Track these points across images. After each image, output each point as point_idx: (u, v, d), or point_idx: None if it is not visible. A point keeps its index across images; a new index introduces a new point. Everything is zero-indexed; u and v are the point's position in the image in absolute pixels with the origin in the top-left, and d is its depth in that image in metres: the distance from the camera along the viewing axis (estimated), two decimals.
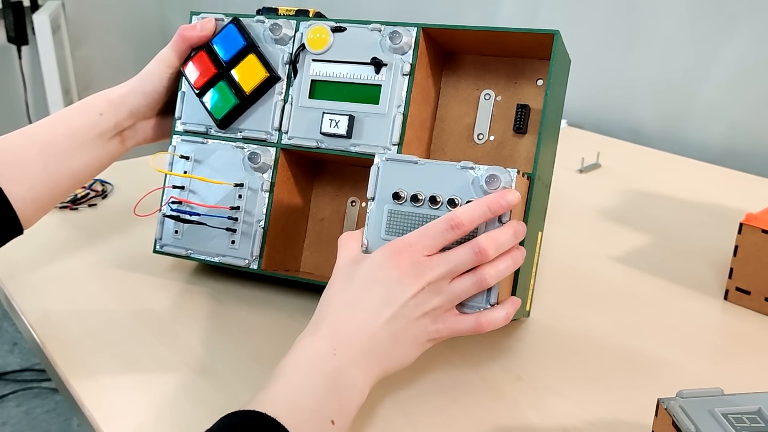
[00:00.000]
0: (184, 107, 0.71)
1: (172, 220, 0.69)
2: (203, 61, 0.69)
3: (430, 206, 0.55)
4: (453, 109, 0.70)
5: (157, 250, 0.71)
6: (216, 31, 0.69)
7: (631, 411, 0.55)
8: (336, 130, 0.65)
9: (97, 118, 0.67)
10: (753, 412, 0.43)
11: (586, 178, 1.09)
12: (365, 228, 0.55)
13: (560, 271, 0.78)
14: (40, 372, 1.87)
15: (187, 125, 0.71)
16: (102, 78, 2.62)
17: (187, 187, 0.70)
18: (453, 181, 0.55)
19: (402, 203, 0.56)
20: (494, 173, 0.53)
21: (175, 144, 0.71)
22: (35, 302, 0.69)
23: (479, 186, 0.54)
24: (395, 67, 0.64)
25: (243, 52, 0.68)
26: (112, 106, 0.68)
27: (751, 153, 1.19)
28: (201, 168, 0.69)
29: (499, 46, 0.66)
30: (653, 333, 0.67)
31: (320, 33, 0.67)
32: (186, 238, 0.69)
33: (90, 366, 0.60)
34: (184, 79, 0.70)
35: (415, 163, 0.56)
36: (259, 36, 0.69)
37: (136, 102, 0.69)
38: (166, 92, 0.71)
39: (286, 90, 0.68)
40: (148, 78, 0.70)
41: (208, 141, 0.70)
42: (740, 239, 0.70)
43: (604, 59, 1.38)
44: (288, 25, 0.68)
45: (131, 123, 0.70)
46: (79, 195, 0.92)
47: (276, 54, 0.68)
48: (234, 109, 0.68)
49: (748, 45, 1.16)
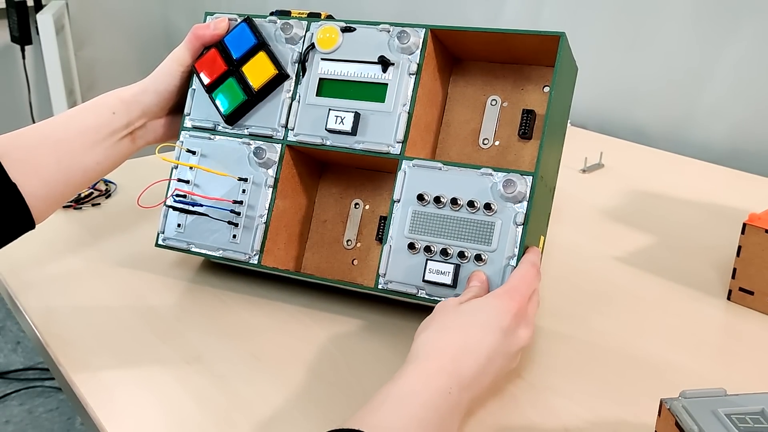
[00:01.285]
0: (193, 104, 0.72)
1: (176, 211, 0.69)
2: (214, 58, 0.70)
3: (451, 207, 0.60)
4: (459, 114, 0.71)
5: (159, 244, 0.71)
6: (229, 30, 0.71)
7: (634, 411, 0.55)
8: (341, 126, 0.65)
9: (110, 117, 0.67)
10: (756, 412, 0.43)
11: (590, 178, 1.09)
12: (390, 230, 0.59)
13: (563, 271, 0.78)
14: (43, 371, 1.88)
15: (195, 121, 0.71)
16: (105, 78, 2.62)
17: (192, 181, 0.70)
18: (473, 185, 0.60)
19: (425, 205, 0.61)
20: (511, 178, 0.59)
21: (182, 139, 0.72)
22: (39, 301, 0.69)
23: (497, 190, 0.59)
24: (402, 67, 0.65)
25: (253, 50, 0.69)
26: (124, 105, 0.68)
27: (754, 153, 1.19)
28: (207, 162, 0.70)
29: (505, 51, 0.67)
30: (656, 333, 0.67)
31: (330, 33, 0.67)
32: (188, 232, 0.70)
33: (93, 365, 0.60)
34: (195, 75, 0.71)
35: (439, 168, 0.62)
36: (270, 35, 0.70)
37: (148, 101, 0.70)
38: (178, 91, 0.72)
39: (294, 88, 0.68)
40: (161, 77, 0.70)
41: (216, 137, 0.70)
42: (743, 239, 0.70)
43: (607, 60, 1.38)
44: (299, 25, 0.69)
45: (143, 122, 0.70)
46: (83, 194, 0.92)
47: (286, 53, 0.69)
48: (242, 105, 0.69)
49: (752, 45, 1.16)
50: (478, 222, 0.60)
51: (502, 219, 0.59)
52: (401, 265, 0.62)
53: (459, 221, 0.61)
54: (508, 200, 0.59)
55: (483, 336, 0.52)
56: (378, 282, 0.63)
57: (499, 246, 0.59)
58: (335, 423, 0.52)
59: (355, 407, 0.53)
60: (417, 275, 0.61)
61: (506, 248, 0.59)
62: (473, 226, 0.60)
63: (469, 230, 0.60)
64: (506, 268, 0.59)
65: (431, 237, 0.61)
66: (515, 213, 0.59)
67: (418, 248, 0.61)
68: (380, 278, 0.62)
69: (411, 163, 0.63)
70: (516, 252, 0.59)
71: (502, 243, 0.59)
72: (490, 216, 0.60)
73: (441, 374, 0.48)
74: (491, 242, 0.59)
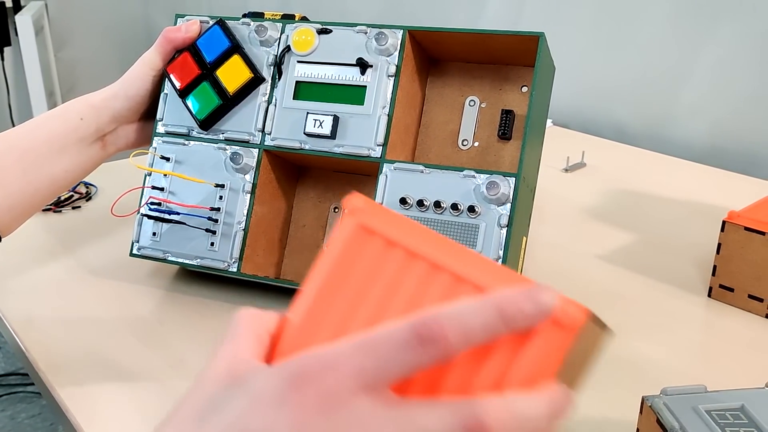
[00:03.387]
0: (166, 109, 0.70)
1: (151, 220, 0.68)
2: (187, 62, 0.68)
3: (434, 211, 0.60)
4: (438, 115, 0.70)
5: (134, 254, 0.70)
6: (201, 33, 0.69)
7: (617, 409, 0.55)
8: (320, 130, 0.64)
9: (78, 123, 0.66)
10: (736, 408, 0.44)
11: (572, 178, 1.10)
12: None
13: (545, 270, 0.78)
14: (24, 376, 1.86)
15: (168, 127, 0.70)
16: (86, 79, 2.60)
17: (167, 188, 0.69)
18: (456, 188, 0.60)
19: (408, 208, 0.61)
20: (494, 180, 0.58)
21: (155, 145, 0.70)
22: (18, 306, 0.68)
23: (480, 192, 0.59)
24: (380, 69, 0.64)
25: (227, 53, 0.68)
26: (93, 111, 0.67)
27: (733, 151, 1.20)
28: (182, 169, 0.69)
29: (484, 52, 0.66)
30: (638, 331, 0.67)
31: (306, 35, 0.66)
32: (164, 240, 0.68)
33: (74, 371, 0.59)
34: (167, 80, 0.70)
35: (421, 171, 0.61)
36: (245, 38, 0.68)
37: (119, 106, 0.68)
38: (149, 95, 0.70)
39: (270, 91, 0.67)
40: (131, 81, 0.69)
41: (190, 142, 0.69)
42: (723, 237, 0.70)
43: (588, 58, 1.39)
44: (273, 27, 0.67)
45: (113, 127, 0.69)
46: (63, 197, 0.91)
47: (261, 56, 0.68)
48: (217, 110, 0.67)
49: (730, 45, 1.17)
50: (462, 225, 0.60)
51: (486, 221, 0.59)
52: None
53: (443, 224, 0.60)
54: (492, 202, 0.59)
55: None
56: None
57: (484, 249, 0.59)
58: None
59: None
60: None
61: (491, 251, 0.59)
62: (457, 229, 0.60)
63: (453, 233, 0.60)
64: None
65: None
66: (499, 215, 0.59)
67: None
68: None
69: (392, 167, 0.62)
70: (501, 254, 0.58)
71: (486, 246, 0.59)
72: (474, 218, 0.59)
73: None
74: (476, 245, 0.59)
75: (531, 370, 0.28)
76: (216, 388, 0.30)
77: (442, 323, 0.27)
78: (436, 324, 0.27)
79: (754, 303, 0.69)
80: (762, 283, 0.68)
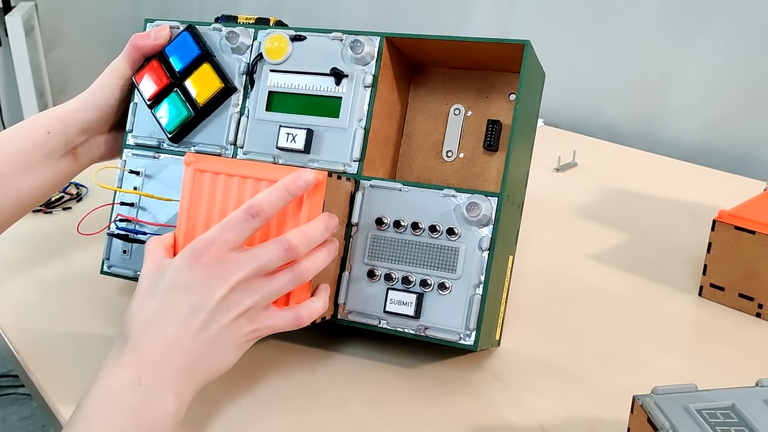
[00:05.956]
0: (135, 120, 0.67)
1: (120, 240, 0.65)
2: (156, 70, 0.65)
3: (412, 232, 0.57)
4: (421, 125, 0.67)
5: (104, 271, 0.67)
6: (171, 38, 0.66)
7: (608, 408, 0.55)
8: (293, 144, 0.61)
9: (44, 137, 0.63)
10: (727, 407, 0.44)
11: (563, 177, 1.10)
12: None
13: (537, 270, 0.78)
14: (15, 378, 1.85)
15: (138, 138, 0.67)
16: (77, 80, 2.59)
17: (137, 204, 0.66)
18: (435, 208, 0.57)
19: (385, 229, 0.58)
20: (475, 201, 0.55)
21: (125, 159, 0.67)
22: (8, 307, 0.68)
23: (460, 213, 0.56)
24: (357, 79, 0.61)
25: (197, 62, 0.64)
26: (60, 123, 0.64)
27: (723, 150, 1.21)
28: (152, 183, 0.66)
29: (469, 58, 0.63)
30: (629, 330, 0.67)
31: (279, 42, 0.63)
32: (135, 259, 0.65)
33: (65, 372, 0.59)
34: (136, 90, 0.67)
35: (399, 190, 0.58)
36: (216, 45, 0.65)
37: (87, 117, 0.65)
38: (119, 105, 0.67)
39: (242, 102, 0.64)
40: (99, 91, 0.66)
41: (161, 155, 0.66)
42: (713, 236, 0.71)
43: (579, 58, 1.39)
44: (245, 33, 0.64)
45: (84, 139, 0.66)
46: (54, 198, 0.91)
47: (233, 64, 0.64)
48: (187, 122, 0.64)
49: (720, 44, 1.18)
50: (440, 248, 0.56)
51: (467, 244, 0.56)
52: (360, 293, 0.58)
53: (421, 247, 0.57)
54: (472, 224, 0.56)
55: (162, 303, 0.48)
56: (337, 312, 0.59)
57: (464, 273, 0.55)
58: (312, 428, 0.52)
59: (331, 412, 0.53)
60: (378, 305, 0.57)
61: (471, 275, 0.55)
62: (436, 252, 0.56)
63: (431, 257, 0.56)
64: (473, 297, 0.55)
65: (392, 264, 0.57)
66: (480, 237, 0.55)
67: (378, 275, 0.58)
68: (338, 308, 0.59)
69: (369, 184, 0.59)
70: (482, 279, 0.55)
71: (467, 270, 0.55)
72: (454, 241, 0.56)
73: (125, 368, 0.46)
74: (455, 269, 0.56)
75: (309, 211, 0.52)
76: (152, 276, 0.50)
77: (259, 203, 0.49)
78: (256, 204, 0.49)
79: (745, 302, 0.70)
80: (752, 282, 0.69)
